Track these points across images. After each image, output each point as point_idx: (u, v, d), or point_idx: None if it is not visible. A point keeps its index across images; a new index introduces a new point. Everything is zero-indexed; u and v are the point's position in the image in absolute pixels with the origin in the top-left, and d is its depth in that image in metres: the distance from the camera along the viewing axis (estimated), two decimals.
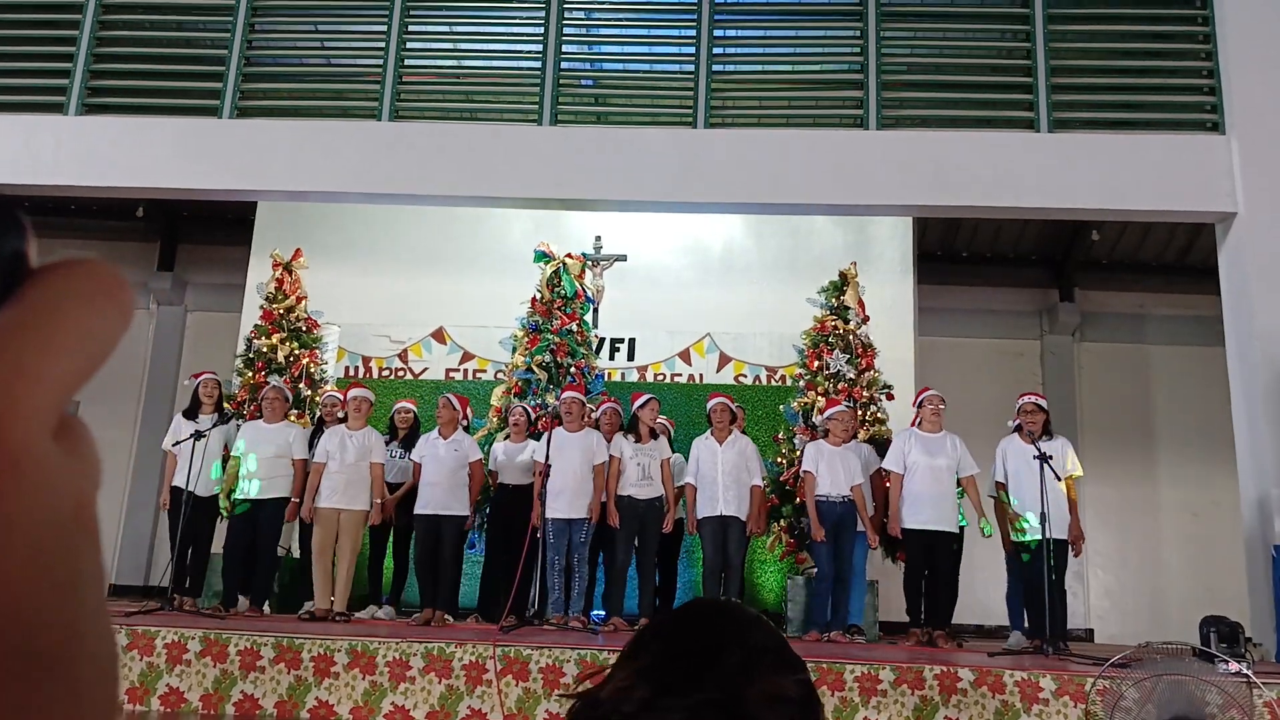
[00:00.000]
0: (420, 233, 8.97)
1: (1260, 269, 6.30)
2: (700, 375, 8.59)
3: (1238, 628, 4.69)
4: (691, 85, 6.98)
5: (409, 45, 7.21)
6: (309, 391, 8.06)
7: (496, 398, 7.81)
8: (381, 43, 7.17)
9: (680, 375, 8.64)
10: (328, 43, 7.46)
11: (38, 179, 7.00)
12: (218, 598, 6.23)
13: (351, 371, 8.76)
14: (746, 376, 8.59)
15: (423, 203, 7.54)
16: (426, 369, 8.77)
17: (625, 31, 7.33)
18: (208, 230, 10.36)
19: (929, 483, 5.85)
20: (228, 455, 6.40)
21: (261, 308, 8.42)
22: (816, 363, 7.64)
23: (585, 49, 7.32)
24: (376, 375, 8.75)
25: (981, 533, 5.93)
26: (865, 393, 7.48)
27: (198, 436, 6.15)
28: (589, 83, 7.33)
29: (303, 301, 8.51)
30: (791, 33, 7.20)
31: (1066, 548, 5.75)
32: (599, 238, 8.79)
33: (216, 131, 7.01)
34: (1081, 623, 9.02)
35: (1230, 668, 3.95)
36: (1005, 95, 6.98)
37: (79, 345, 0.25)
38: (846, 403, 6.71)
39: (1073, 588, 6.81)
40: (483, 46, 7.29)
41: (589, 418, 6.41)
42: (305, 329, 8.38)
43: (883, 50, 6.95)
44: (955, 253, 10.18)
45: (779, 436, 7.65)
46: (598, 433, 6.15)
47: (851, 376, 7.51)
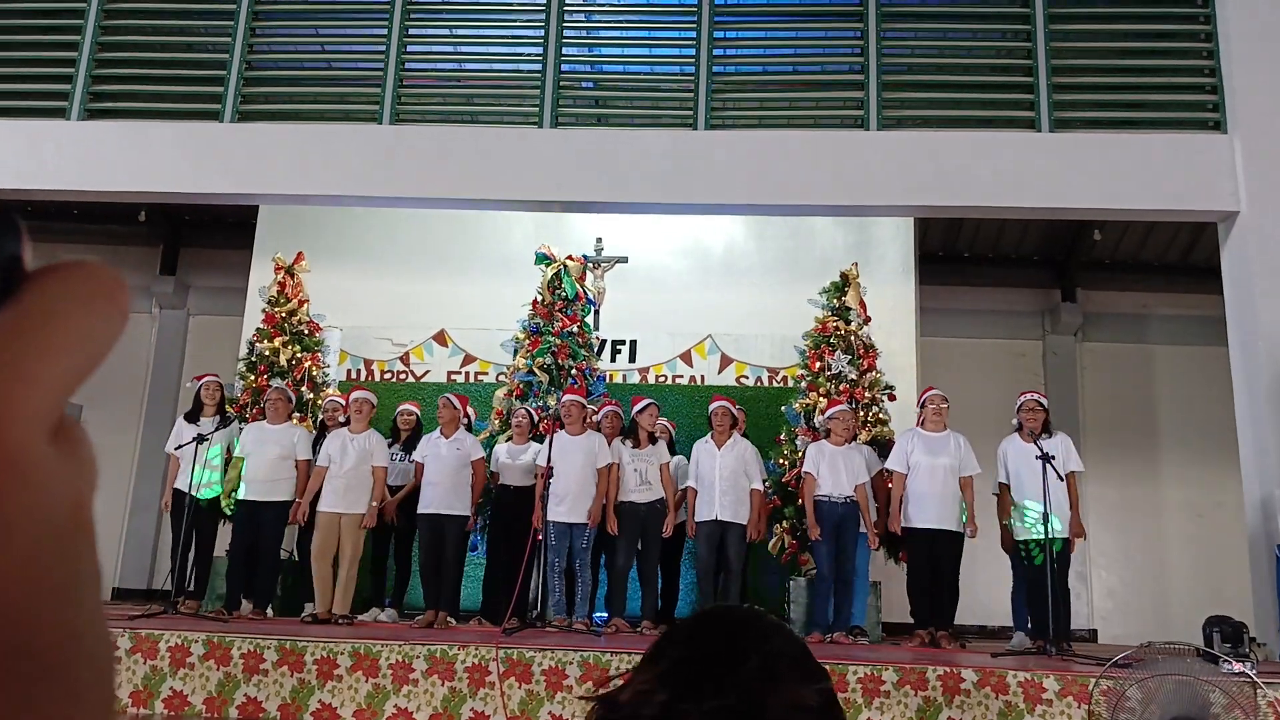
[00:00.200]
0: (421, 235, 8.98)
1: (1263, 268, 6.28)
2: (702, 377, 8.59)
3: (1241, 628, 4.68)
4: (692, 87, 6.98)
5: (409, 49, 7.22)
6: (311, 395, 8.07)
7: (498, 400, 7.81)
8: (382, 46, 7.18)
9: (682, 377, 8.63)
10: (328, 46, 7.46)
11: (41, 184, 7.01)
12: (221, 600, 6.24)
13: (353, 374, 8.77)
14: (748, 378, 8.59)
15: (424, 205, 7.54)
16: (428, 372, 8.78)
17: (625, 34, 7.33)
18: (210, 234, 10.38)
19: (931, 482, 5.84)
20: (229, 458, 6.41)
21: (263, 311, 8.43)
22: (818, 364, 7.63)
23: (585, 51, 7.32)
24: (378, 378, 8.75)
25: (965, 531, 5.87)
26: (867, 394, 7.46)
27: (200, 440, 6.16)
28: (589, 85, 7.33)
29: (305, 305, 8.52)
30: (792, 34, 7.19)
31: (1070, 546, 5.74)
32: (600, 240, 8.79)
33: (218, 135, 7.02)
34: (1085, 623, 9.00)
35: (1234, 668, 3.94)
36: (1006, 95, 6.97)
37: (76, 347, 0.25)
38: (848, 404, 6.70)
39: (1076, 588, 6.78)
40: (483, 49, 7.29)
41: (591, 420, 6.41)
42: (307, 332, 8.39)
43: (883, 50, 6.94)
44: (957, 253, 10.17)
45: (781, 438, 7.64)
46: (600, 436, 6.15)
47: (853, 377, 7.50)
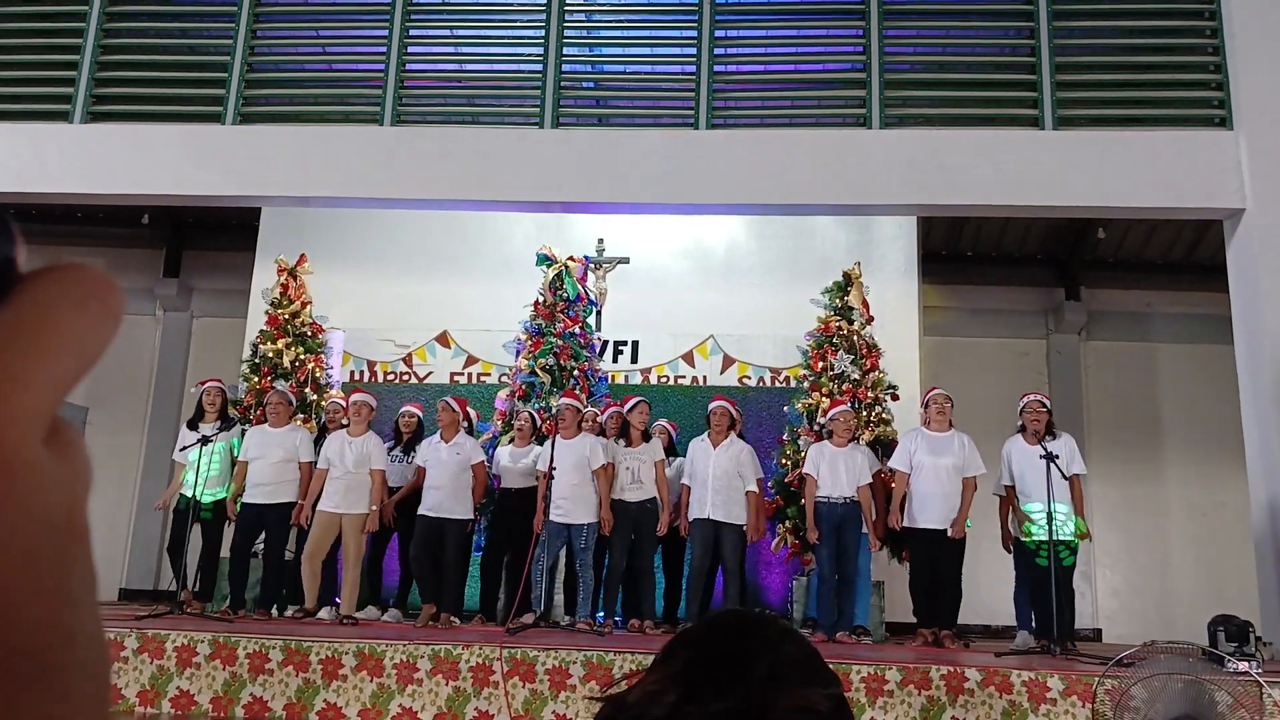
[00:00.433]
0: (423, 237, 8.99)
1: (1269, 265, 6.25)
2: (704, 377, 8.58)
3: (1247, 627, 4.66)
4: (693, 86, 6.98)
5: (410, 50, 7.22)
6: (315, 396, 8.08)
7: (501, 401, 7.82)
8: (383, 47, 7.19)
9: (684, 377, 8.63)
10: (330, 48, 7.47)
11: (44, 187, 7.03)
12: (225, 601, 6.26)
13: (356, 376, 8.77)
14: (750, 378, 8.58)
15: (426, 207, 7.54)
16: (431, 373, 8.78)
17: (626, 33, 7.33)
18: (213, 236, 10.40)
19: (935, 482, 5.83)
20: (234, 461, 6.44)
21: (267, 313, 8.44)
22: (821, 364, 7.63)
23: (586, 51, 7.32)
24: (381, 380, 8.76)
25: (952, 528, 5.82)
26: (870, 393, 7.45)
27: (205, 441, 6.18)
28: (590, 85, 7.33)
29: (307, 306, 8.53)
30: (793, 32, 7.18)
31: (1076, 546, 5.73)
32: (601, 240, 8.78)
33: (220, 138, 7.03)
34: (1089, 623, 8.98)
35: (1239, 667, 3.93)
36: (1009, 93, 6.95)
37: (69, 350, 0.25)
38: (850, 404, 6.70)
39: (1080, 588, 6.77)
40: (484, 50, 7.29)
41: (593, 422, 6.41)
42: (310, 334, 8.40)
43: (885, 49, 6.93)
44: (960, 252, 10.15)
45: (783, 438, 7.63)
46: (592, 438, 6.14)
47: (856, 377, 7.48)
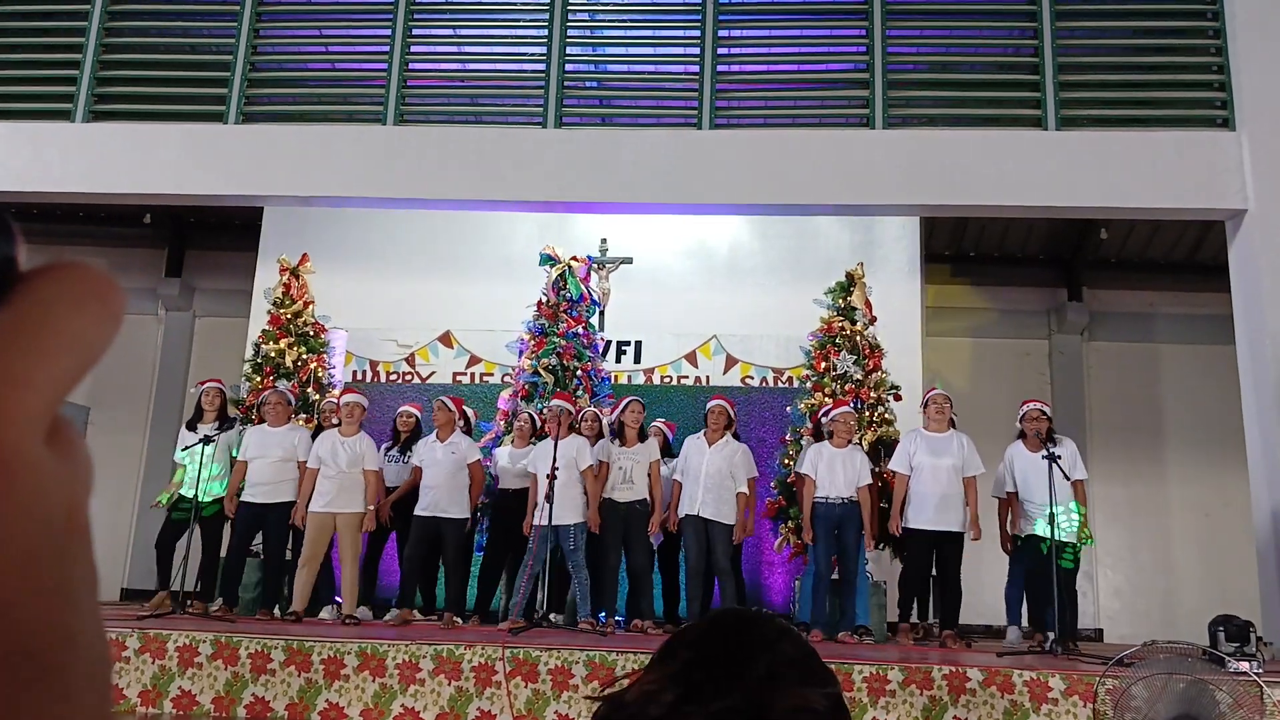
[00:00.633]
0: (426, 237, 8.99)
1: (1271, 266, 6.24)
2: (707, 378, 8.58)
3: (1248, 626, 4.65)
4: (696, 86, 6.97)
5: (413, 49, 7.22)
6: (317, 396, 8.08)
7: (504, 402, 7.82)
8: (386, 47, 7.19)
9: (687, 377, 8.63)
10: (332, 47, 7.47)
11: (46, 186, 7.03)
12: (219, 601, 6.26)
13: (359, 376, 8.78)
14: (753, 378, 8.58)
15: (428, 206, 7.54)
16: (434, 373, 8.78)
17: (629, 33, 7.33)
18: (215, 236, 10.41)
19: (934, 483, 5.83)
20: (233, 461, 6.44)
21: (269, 313, 8.44)
22: (824, 364, 7.62)
23: (589, 51, 7.32)
24: (384, 379, 8.76)
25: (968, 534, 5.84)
26: (873, 394, 7.45)
27: (206, 440, 6.18)
28: (593, 84, 7.33)
29: (310, 306, 8.53)
30: (797, 32, 7.18)
31: (1079, 549, 5.74)
32: (604, 240, 8.78)
33: (222, 137, 7.03)
34: (1091, 623, 8.98)
35: (1240, 667, 3.93)
36: (1012, 93, 6.94)
37: (69, 349, 0.25)
38: (852, 404, 6.69)
39: (1082, 588, 6.77)
40: (487, 49, 7.29)
41: (594, 422, 6.41)
42: (313, 334, 8.40)
43: (888, 49, 6.92)
44: (963, 252, 10.14)
45: (786, 438, 7.63)
46: (581, 439, 6.13)
47: (859, 378, 7.48)
